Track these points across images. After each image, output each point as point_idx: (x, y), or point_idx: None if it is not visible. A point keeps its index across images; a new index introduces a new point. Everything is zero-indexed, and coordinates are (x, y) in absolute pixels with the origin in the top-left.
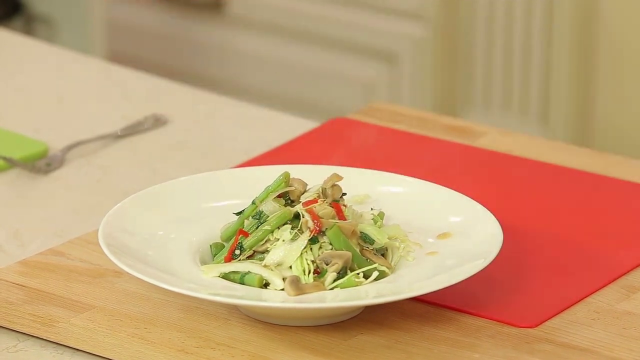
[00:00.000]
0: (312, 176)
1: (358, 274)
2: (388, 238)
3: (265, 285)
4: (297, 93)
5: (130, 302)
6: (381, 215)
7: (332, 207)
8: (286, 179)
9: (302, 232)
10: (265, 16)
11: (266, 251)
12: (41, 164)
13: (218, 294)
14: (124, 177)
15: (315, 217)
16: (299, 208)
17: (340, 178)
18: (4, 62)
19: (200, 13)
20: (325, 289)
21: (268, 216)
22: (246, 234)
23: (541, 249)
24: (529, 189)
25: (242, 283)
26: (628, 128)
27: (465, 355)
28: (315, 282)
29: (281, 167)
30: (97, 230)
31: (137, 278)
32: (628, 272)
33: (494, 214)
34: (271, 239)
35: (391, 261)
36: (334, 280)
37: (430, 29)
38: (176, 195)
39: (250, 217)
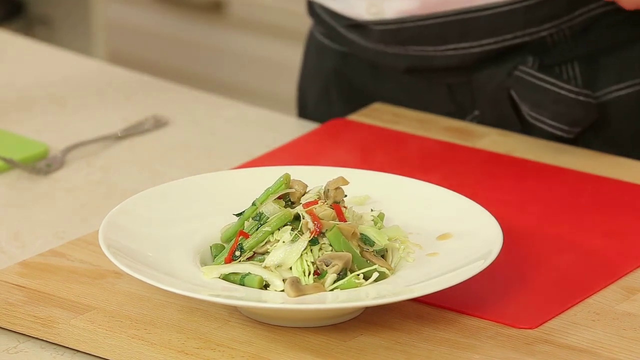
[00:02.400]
0: (312, 177)
1: (358, 275)
2: (388, 239)
3: (266, 286)
4: None
5: (131, 303)
6: (381, 216)
7: (333, 209)
8: (287, 180)
9: (302, 233)
10: (265, 17)
11: (266, 252)
12: (41, 165)
13: (218, 295)
14: (124, 178)
15: (315, 218)
16: (299, 209)
17: (346, 182)
18: (4, 63)
19: (200, 14)
20: (325, 290)
21: (268, 217)
22: (246, 235)
23: (541, 250)
24: (529, 190)
25: (242, 284)
26: None
27: (465, 356)
28: (315, 284)
29: (281, 169)
30: (98, 231)
31: (137, 279)
32: (628, 273)
33: (493, 215)
34: (271, 240)
35: (391, 262)
36: (334, 282)
37: None
38: (176, 197)
39: (251, 219)
